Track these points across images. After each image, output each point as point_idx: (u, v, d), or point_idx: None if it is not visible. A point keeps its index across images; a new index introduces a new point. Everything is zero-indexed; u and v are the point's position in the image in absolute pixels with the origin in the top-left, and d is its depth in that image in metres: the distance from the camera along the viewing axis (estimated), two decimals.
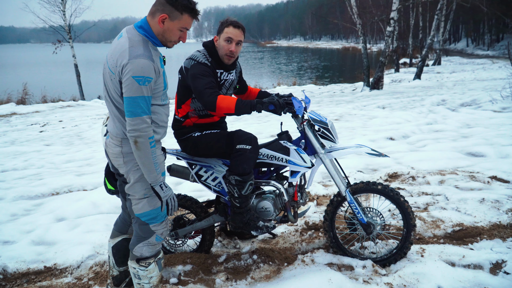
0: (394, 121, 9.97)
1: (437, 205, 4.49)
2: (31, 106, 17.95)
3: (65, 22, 20.10)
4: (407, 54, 39.45)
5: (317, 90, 21.52)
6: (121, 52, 2.43)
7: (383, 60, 18.16)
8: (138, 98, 2.39)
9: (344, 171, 3.52)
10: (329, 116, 11.56)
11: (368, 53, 20.74)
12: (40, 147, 9.47)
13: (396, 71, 30.55)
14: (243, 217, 3.27)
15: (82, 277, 3.52)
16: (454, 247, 3.51)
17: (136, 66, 2.37)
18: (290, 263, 3.41)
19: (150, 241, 2.74)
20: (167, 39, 2.57)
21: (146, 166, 2.48)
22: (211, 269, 3.43)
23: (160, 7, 2.50)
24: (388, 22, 17.69)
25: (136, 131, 2.40)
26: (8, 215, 5.00)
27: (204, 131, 3.32)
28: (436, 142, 7.41)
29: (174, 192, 2.71)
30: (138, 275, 2.78)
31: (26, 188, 6.05)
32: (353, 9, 18.88)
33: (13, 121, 14.54)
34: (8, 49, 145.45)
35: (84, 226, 4.47)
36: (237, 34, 3.19)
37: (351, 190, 3.31)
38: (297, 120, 3.27)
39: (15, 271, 3.65)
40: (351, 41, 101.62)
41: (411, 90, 17.42)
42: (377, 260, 3.33)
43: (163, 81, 2.60)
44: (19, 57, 74.94)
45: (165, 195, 2.59)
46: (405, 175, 5.62)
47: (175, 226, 3.62)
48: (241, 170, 3.12)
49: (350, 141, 7.81)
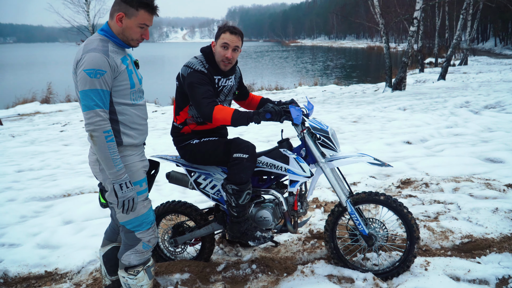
0: (413, 123, 9.76)
1: (448, 215, 4.32)
2: (55, 105, 18.35)
3: (89, 23, 20.42)
4: (433, 53, 38.65)
5: (338, 91, 21.28)
6: (78, 51, 2.49)
7: (406, 61, 17.80)
8: (90, 91, 2.37)
9: (346, 179, 3.42)
10: (348, 118, 11.40)
11: (393, 53, 20.44)
12: (58, 147, 9.62)
13: (420, 71, 29.93)
14: (241, 227, 3.20)
15: (81, 283, 3.52)
16: (460, 260, 3.36)
17: (87, 59, 2.38)
18: (290, 273, 3.32)
19: (137, 248, 2.72)
20: (128, 37, 2.57)
21: (104, 161, 2.45)
22: (209, 278, 3.37)
23: (117, 6, 2.52)
24: (411, 21, 17.32)
25: (90, 125, 2.39)
26: (18, 217, 5.06)
27: (202, 138, 3.27)
28: (454, 147, 7.19)
29: (146, 194, 2.69)
30: (128, 284, 2.76)
31: (39, 189, 6.12)
32: (376, 9, 18.57)
33: (36, 120, 14.86)
34: (37, 48, 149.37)
35: (89, 230, 4.49)
36: (233, 40, 3.12)
37: (353, 200, 3.21)
38: (297, 128, 3.19)
39: (16, 276, 3.67)
40: (376, 40, 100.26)
41: (434, 91, 17.04)
42: (379, 273, 3.22)
43: (128, 79, 2.56)
44: (46, 56, 76.74)
45: (123, 196, 2.50)
46: (418, 182, 5.45)
47: (174, 233, 3.58)
48: (238, 179, 3.06)
49: (365, 145, 7.68)
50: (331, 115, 11.76)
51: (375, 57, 57.20)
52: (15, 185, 6.50)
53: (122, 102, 2.55)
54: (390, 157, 6.77)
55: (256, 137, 9.02)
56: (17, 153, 9.19)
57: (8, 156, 8.93)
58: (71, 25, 20.78)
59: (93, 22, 20.81)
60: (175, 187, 5.66)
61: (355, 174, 5.86)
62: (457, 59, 36.57)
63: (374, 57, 57.81)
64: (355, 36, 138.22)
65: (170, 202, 3.58)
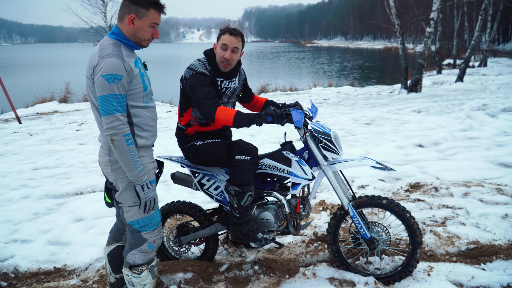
0: (427, 126, 9.66)
1: (456, 220, 4.28)
2: (72, 105, 18.63)
3: (106, 24, 20.67)
4: (451, 55, 38.12)
5: (353, 92, 21.15)
6: (92, 56, 2.53)
7: (422, 62, 17.62)
8: (109, 96, 2.42)
9: (352, 182, 3.42)
10: (361, 120, 11.33)
11: (411, 54, 20.20)
12: (73, 146, 9.78)
13: (438, 73, 29.54)
14: (243, 228, 3.23)
15: (88, 279, 3.59)
16: (465, 267, 3.33)
17: (104, 65, 2.42)
18: (292, 275, 3.34)
19: (142, 248, 2.77)
20: (140, 38, 2.61)
21: (125, 164, 2.50)
22: (211, 278, 3.41)
23: (126, 9, 2.55)
24: (428, 22, 17.14)
25: (111, 129, 2.43)
26: (31, 214, 5.18)
27: (206, 139, 3.31)
28: (468, 151, 7.11)
29: (156, 194, 2.73)
30: (132, 282, 2.81)
31: (53, 187, 6.25)
32: (391, 9, 18.42)
33: (53, 119, 15.11)
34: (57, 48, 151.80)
35: (99, 228, 4.58)
36: (232, 41, 3.14)
37: (355, 204, 3.21)
38: (299, 131, 3.20)
39: (26, 271, 3.77)
40: (394, 41, 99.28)
41: (451, 93, 16.83)
42: (380, 277, 3.21)
43: (141, 82, 2.62)
44: (65, 56, 77.94)
45: (145, 196, 2.59)
46: (427, 186, 5.41)
47: (179, 233, 3.64)
48: (239, 181, 3.09)
49: (376, 147, 7.63)
50: (344, 117, 11.72)
51: (392, 58, 56.71)
52: (30, 183, 6.65)
53: (135, 105, 2.61)
54: (400, 160, 6.73)
55: (267, 138, 9.04)
56: (34, 151, 9.38)
57: (25, 154, 9.11)
58: (89, 26, 21.05)
59: (110, 23, 21.04)
60: (184, 188, 5.71)
61: (364, 177, 5.83)
62: (477, 60, 35.99)
63: (391, 58, 57.33)
64: (372, 37, 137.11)
65: (175, 202, 3.63)
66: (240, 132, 9.70)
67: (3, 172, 7.32)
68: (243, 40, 3.24)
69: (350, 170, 5.99)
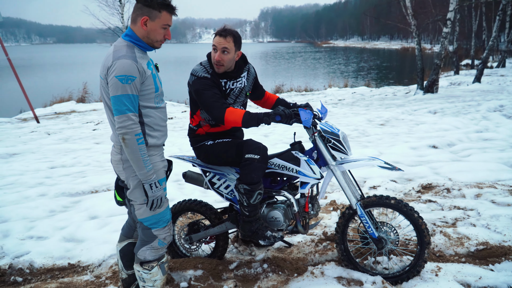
0: (442, 127, 9.58)
1: (467, 221, 4.27)
2: (89, 105, 18.93)
3: (123, 24, 20.93)
4: (469, 55, 37.61)
5: (368, 93, 21.04)
6: (107, 57, 2.61)
7: (438, 63, 17.44)
8: (122, 96, 2.50)
9: (362, 183, 3.44)
10: (375, 120, 11.29)
11: (428, 54, 19.97)
12: (90, 145, 9.95)
13: (455, 73, 29.19)
14: (252, 226, 3.28)
15: (101, 275, 3.69)
16: (473, 267, 3.34)
17: (118, 66, 2.50)
18: (300, 274, 3.38)
19: (153, 245, 2.84)
20: (152, 39, 2.69)
21: (135, 162, 2.58)
22: (221, 275, 3.48)
23: (139, 11, 2.63)
24: (444, 23, 16.97)
25: (122, 128, 2.51)
26: (47, 211, 5.31)
27: (216, 139, 3.37)
28: (482, 152, 7.04)
29: (164, 193, 2.79)
30: (143, 278, 2.89)
31: (69, 186, 6.39)
32: (408, 10, 18.28)
33: (71, 118, 15.38)
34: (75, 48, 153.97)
35: (112, 225, 4.68)
36: (220, 42, 3.14)
37: (363, 203, 3.24)
38: (308, 131, 3.24)
39: (41, 267, 3.88)
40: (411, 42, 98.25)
41: (468, 94, 16.62)
42: (388, 277, 3.23)
43: (153, 83, 2.69)
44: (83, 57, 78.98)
45: (153, 195, 2.67)
46: (440, 187, 5.39)
47: (190, 231, 3.71)
48: (249, 179, 3.14)
49: (389, 148, 7.62)
50: (358, 118, 11.69)
51: (409, 58, 56.19)
52: (47, 181, 6.80)
53: (147, 105, 2.69)
54: (413, 161, 6.70)
55: (280, 139, 9.08)
56: (51, 150, 9.57)
57: (42, 153, 9.30)
58: (107, 27, 21.36)
59: (127, 24, 21.27)
60: (196, 187, 5.79)
61: (375, 178, 5.84)
62: (495, 61, 35.43)
63: (408, 58, 56.81)
64: (389, 37, 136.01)
65: (187, 201, 3.70)
66: (253, 132, 9.76)
67: (21, 171, 7.50)
68: (236, 40, 3.20)
69: (362, 171, 6.01)
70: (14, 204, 5.60)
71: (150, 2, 2.60)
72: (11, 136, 11.66)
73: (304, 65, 50.81)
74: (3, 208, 5.37)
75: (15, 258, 4.03)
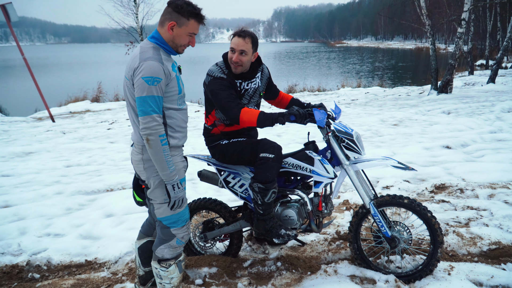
0: (455, 128, 9.54)
1: (480, 221, 4.27)
2: (104, 104, 19.13)
3: (137, 24, 21.12)
4: (484, 55, 37.20)
5: (381, 93, 20.95)
6: (133, 58, 2.65)
7: (453, 63, 17.31)
8: (148, 98, 2.54)
9: (376, 182, 3.47)
10: (388, 121, 11.27)
11: (443, 54, 19.80)
12: (104, 144, 10.08)
13: (470, 74, 28.90)
14: (266, 224, 3.33)
15: (117, 272, 3.76)
16: (485, 266, 3.35)
17: (145, 68, 2.54)
18: (313, 272, 3.42)
19: (171, 243, 2.90)
20: (177, 44, 2.74)
21: (158, 163, 2.63)
22: (235, 273, 3.53)
23: (168, 15, 2.67)
24: (459, 23, 16.84)
25: (147, 129, 2.56)
26: (64, 209, 5.41)
27: (231, 139, 3.43)
28: (496, 153, 7.00)
29: (184, 194, 2.83)
30: (160, 275, 2.95)
31: (85, 184, 6.49)
32: (422, 10, 18.17)
33: (86, 118, 15.58)
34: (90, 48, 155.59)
35: (128, 223, 4.76)
36: (238, 44, 3.21)
37: (376, 203, 3.26)
38: (322, 131, 3.28)
39: (59, 263, 3.97)
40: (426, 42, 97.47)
41: (482, 95, 16.47)
42: (401, 276, 3.26)
43: (177, 85, 2.74)
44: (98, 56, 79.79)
45: (175, 196, 2.72)
46: (453, 187, 5.38)
47: (204, 228, 3.77)
48: (263, 178, 3.19)
49: (403, 148, 7.60)
50: (372, 118, 11.66)
51: (423, 58, 55.77)
52: (63, 179, 6.92)
53: (170, 107, 2.74)
54: (426, 162, 6.69)
55: (293, 138, 9.11)
56: (67, 149, 9.72)
57: (58, 151, 9.46)
58: (121, 27, 21.56)
59: (142, 24, 21.48)
60: (210, 185, 5.86)
61: (389, 178, 5.84)
62: (510, 61, 35.02)
63: (422, 58, 56.38)
64: (403, 37, 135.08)
65: (201, 199, 3.76)
66: (267, 132, 9.80)
67: (37, 169, 7.63)
68: (254, 42, 3.27)
69: (375, 171, 6.02)
70: (31, 202, 5.71)
71: (180, 8, 2.63)
72: (26, 135, 11.87)
73: (318, 65, 50.70)
74: (20, 206, 5.48)
75: (32, 255, 4.12)
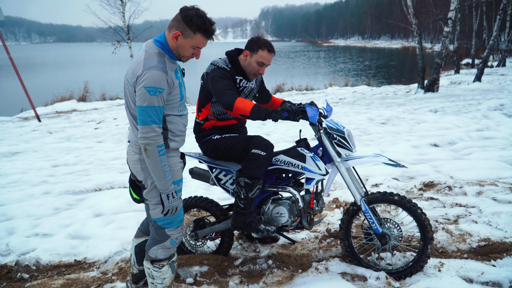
0: (443, 126, 9.64)
1: (469, 218, 4.31)
2: (91, 104, 18.97)
3: (124, 24, 20.94)
4: (470, 54, 37.64)
5: (369, 92, 21.07)
6: (137, 63, 2.58)
7: (439, 62, 17.48)
8: (148, 108, 2.50)
9: (365, 180, 3.48)
10: (376, 119, 11.34)
11: (429, 53, 19.99)
12: (92, 144, 9.99)
13: (456, 73, 29.23)
14: (246, 218, 3.34)
15: (107, 271, 3.73)
16: (475, 263, 3.38)
17: (148, 77, 2.48)
18: (305, 270, 3.42)
19: (165, 244, 2.87)
20: (180, 54, 2.69)
21: (154, 173, 2.60)
22: (226, 271, 3.52)
23: (176, 23, 2.61)
24: (445, 22, 17.00)
25: (145, 139, 2.52)
26: (52, 209, 5.34)
27: (223, 134, 3.43)
28: (483, 150, 7.09)
29: (181, 203, 2.81)
30: (152, 275, 2.92)
31: (73, 184, 6.42)
32: (409, 9, 18.32)
33: (72, 117, 15.42)
34: (76, 47, 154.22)
35: (117, 223, 4.71)
36: (270, 59, 3.38)
37: (367, 199, 3.28)
38: (314, 128, 3.28)
39: (48, 263, 3.91)
40: (412, 41, 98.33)
41: (469, 93, 16.67)
42: (392, 272, 3.27)
43: (179, 92, 2.70)
44: (84, 56, 79.06)
45: (169, 205, 2.69)
46: (441, 185, 5.43)
47: (196, 227, 3.75)
48: (251, 174, 3.20)
49: (391, 147, 7.65)
50: (360, 117, 11.73)
51: (410, 57, 56.25)
52: (51, 179, 6.84)
53: (171, 113, 2.71)
54: (415, 160, 6.75)
55: (282, 137, 9.12)
56: (53, 148, 9.61)
57: (45, 151, 9.35)
58: (108, 26, 21.35)
59: (128, 23, 21.29)
60: (200, 184, 5.85)
61: (378, 175, 5.87)
62: (495, 60, 35.46)
63: (409, 57, 56.87)
64: (390, 36, 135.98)
65: (192, 198, 3.74)
66: (256, 132, 9.79)
67: (24, 169, 7.54)
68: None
69: (364, 168, 6.05)
70: (18, 202, 5.63)
71: (189, 20, 2.57)
72: (13, 135, 11.71)
73: (308, 64, 50.80)
74: (8, 206, 5.40)
75: (21, 255, 4.06)
